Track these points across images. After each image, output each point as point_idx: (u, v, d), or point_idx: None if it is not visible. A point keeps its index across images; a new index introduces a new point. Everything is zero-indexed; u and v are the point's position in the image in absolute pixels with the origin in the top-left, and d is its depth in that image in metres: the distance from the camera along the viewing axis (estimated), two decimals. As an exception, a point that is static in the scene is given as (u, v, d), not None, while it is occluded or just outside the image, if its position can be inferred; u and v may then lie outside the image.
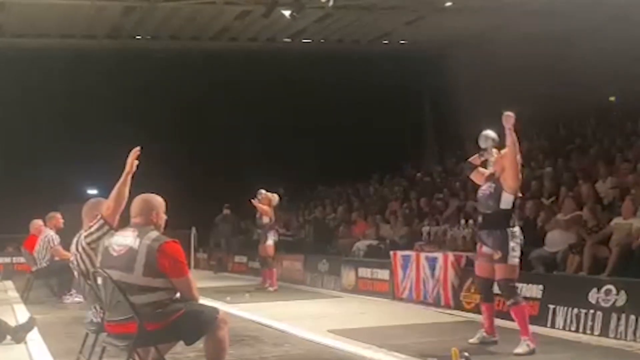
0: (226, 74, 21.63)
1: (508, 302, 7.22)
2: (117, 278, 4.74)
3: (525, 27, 17.18)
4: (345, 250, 15.27)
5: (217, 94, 22.46)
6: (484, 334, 7.49)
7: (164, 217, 5.08)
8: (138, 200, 5.07)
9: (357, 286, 13.02)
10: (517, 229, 7.24)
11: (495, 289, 7.59)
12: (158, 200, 5.09)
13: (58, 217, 12.51)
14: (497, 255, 7.15)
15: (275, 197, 14.44)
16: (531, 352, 6.91)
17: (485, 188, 7.41)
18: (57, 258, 12.03)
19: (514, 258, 7.16)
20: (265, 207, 14.25)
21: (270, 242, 14.25)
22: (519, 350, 6.93)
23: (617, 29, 15.55)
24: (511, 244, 7.13)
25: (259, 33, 20.14)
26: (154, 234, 4.86)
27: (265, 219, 14.33)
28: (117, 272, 4.77)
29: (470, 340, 7.41)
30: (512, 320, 7.29)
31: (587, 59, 15.85)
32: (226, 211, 20.67)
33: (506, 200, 7.18)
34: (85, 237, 5.38)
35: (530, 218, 10.99)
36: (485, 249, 7.39)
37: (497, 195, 7.21)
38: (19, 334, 7.89)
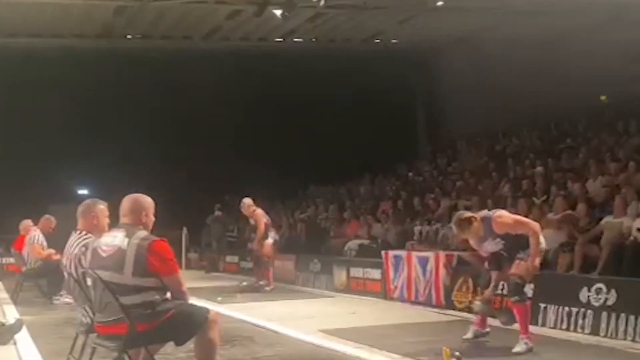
0: (218, 74, 21.58)
1: (512, 299, 7.21)
2: (107, 278, 4.73)
3: (517, 27, 17.21)
4: (337, 249, 15.24)
5: (209, 93, 22.39)
6: (475, 327, 7.50)
7: (152, 218, 5.07)
8: (128, 200, 5.04)
9: (349, 286, 13.01)
10: None
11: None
12: (148, 201, 5.08)
13: (51, 221, 12.45)
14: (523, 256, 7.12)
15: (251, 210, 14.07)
16: (529, 351, 6.93)
17: (490, 247, 7.34)
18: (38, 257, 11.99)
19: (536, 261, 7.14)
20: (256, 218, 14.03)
21: (270, 240, 13.84)
22: (517, 349, 6.94)
23: (609, 29, 15.61)
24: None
25: (250, 32, 20.11)
26: (143, 233, 4.85)
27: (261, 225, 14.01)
28: (107, 273, 4.75)
29: (464, 337, 7.41)
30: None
31: (578, 58, 15.90)
32: (218, 212, 20.61)
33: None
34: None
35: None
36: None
37: (510, 241, 7.16)
38: (5, 335, 7.83)
